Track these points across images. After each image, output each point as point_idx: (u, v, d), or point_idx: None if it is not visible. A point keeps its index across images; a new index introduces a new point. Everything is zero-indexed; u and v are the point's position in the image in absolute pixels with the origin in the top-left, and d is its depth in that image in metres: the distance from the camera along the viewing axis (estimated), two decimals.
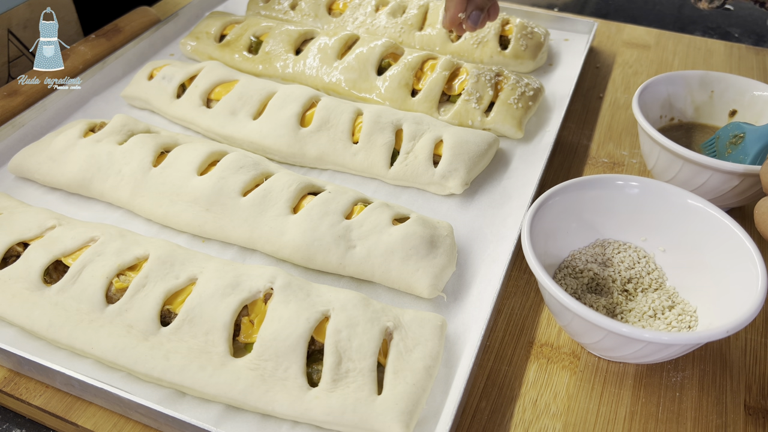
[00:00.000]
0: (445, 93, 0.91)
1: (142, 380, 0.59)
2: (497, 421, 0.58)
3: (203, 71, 0.91)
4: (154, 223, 0.76)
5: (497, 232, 0.75)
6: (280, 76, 0.97)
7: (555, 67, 1.05)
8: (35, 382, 0.60)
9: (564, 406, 0.59)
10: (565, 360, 0.63)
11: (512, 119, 0.87)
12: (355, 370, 0.55)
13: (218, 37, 1.04)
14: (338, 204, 0.70)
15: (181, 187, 0.73)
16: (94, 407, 0.58)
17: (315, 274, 0.70)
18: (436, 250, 0.67)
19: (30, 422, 0.61)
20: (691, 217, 0.65)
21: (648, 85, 0.81)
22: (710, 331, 0.53)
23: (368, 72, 0.92)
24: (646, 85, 0.80)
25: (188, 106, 0.89)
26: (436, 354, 0.58)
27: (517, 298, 0.69)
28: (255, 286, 0.61)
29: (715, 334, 0.52)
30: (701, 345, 0.56)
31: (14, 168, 0.81)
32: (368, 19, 1.06)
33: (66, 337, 0.59)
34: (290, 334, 0.57)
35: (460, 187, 0.78)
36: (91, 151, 0.77)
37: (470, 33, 1.00)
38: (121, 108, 0.95)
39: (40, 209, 0.71)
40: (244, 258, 0.72)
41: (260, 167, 0.75)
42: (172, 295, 0.61)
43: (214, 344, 0.57)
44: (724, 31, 1.27)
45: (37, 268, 0.63)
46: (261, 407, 0.55)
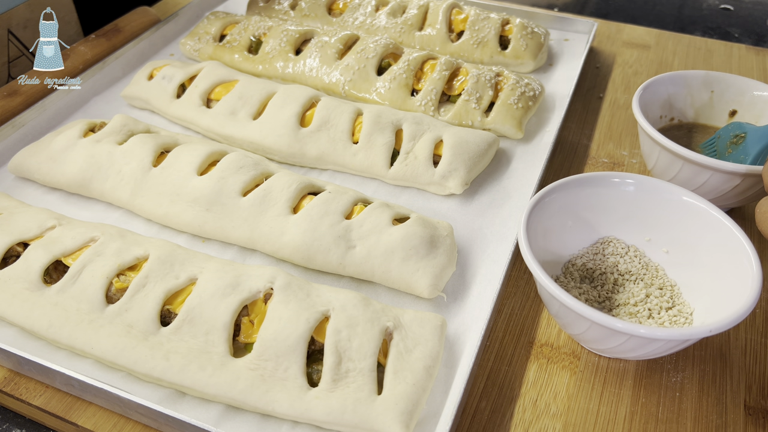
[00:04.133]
0: (445, 93, 0.91)
1: (142, 380, 0.59)
2: (497, 421, 0.58)
3: (203, 71, 0.91)
4: (154, 223, 0.76)
5: (497, 232, 0.75)
6: (280, 76, 0.97)
7: (555, 67, 1.05)
8: (35, 382, 0.60)
9: (564, 406, 0.59)
10: (565, 360, 0.63)
11: (512, 119, 0.87)
12: (355, 370, 0.55)
13: (218, 37, 1.04)
14: (338, 204, 0.70)
15: (181, 187, 0.73)
16: (94, 407, 0.58)
17: (315, 274, 0.70)
18: (436, 250, 0.67)
19: (30, 422, 0.61)
20: (687, 215, 0.65)
21: (648, 86, 0.81)
22: (693, 329, 0.53)
23: (368, 72, 0.92)
24: (647, 86, 0.80)
25: (188, 106, 0.89)
26: (436, 354, 0.58)
27: (517, 298, 0.69)
28: (255, 286, 0.61)
29: (697, 333, 0.53)
30: (687, 342, 0.56)
31: (14, 168, 0.81)
32: (368, 19, 1.06)
33: (66, 337, 0.59)
34: (290, 334, 0.57)
35: (460, 187, 0.78)
36: (91, 151, 0.77)
37: (470, 33, 1.00)
38: (121, 108, 0.95)
39: (40, 209, 0.71)
40: (244, 258, 0.72)
41: (260, 167, 0.75)
42: (172, 295, 0.61)
43: (214, 344, 0.57)
44: (724, 31, 1.27)
45: (37, 268, 0.63)
46: (261, 407, 0.55)
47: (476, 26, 1.01)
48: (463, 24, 1.02)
